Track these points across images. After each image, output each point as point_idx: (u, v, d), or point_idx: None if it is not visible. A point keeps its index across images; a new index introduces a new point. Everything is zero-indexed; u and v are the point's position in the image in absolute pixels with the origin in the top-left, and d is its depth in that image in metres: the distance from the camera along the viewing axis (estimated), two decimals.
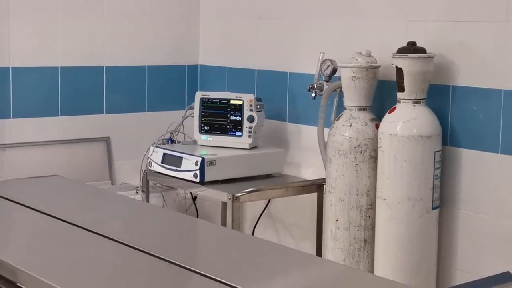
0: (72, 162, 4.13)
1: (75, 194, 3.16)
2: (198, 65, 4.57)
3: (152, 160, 3.90)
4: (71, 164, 4.11)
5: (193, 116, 3.99)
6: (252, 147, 3.89)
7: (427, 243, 3.27)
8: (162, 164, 3.84)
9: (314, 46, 3.80)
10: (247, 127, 3.85)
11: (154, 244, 2.36)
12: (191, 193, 4.33)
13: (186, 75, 4.54)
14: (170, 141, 4.05)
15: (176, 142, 4.07)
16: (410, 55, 3.23)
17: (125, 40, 4.30)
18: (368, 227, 3.41)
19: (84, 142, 4.21)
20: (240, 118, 3.87)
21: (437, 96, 3.34)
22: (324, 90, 3.65)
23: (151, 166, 3.91)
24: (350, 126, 3.42)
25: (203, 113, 3.95)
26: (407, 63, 3.23)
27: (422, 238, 3.25)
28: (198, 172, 3.66)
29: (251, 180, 3.76)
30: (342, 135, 3.42)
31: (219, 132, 3.92)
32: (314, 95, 3.68)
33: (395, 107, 3.30)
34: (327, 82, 3.67)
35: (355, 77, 3.40)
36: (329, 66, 3.64)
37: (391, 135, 3.24)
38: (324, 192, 3.67)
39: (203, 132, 3.95)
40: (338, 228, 3.44)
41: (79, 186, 3.37)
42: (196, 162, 3.67)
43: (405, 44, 3.28)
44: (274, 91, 4.11)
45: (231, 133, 3.90)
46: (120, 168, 4.33)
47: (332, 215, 3.46)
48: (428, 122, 3.23)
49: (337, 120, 3.49)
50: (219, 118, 3.92)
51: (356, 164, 3.39)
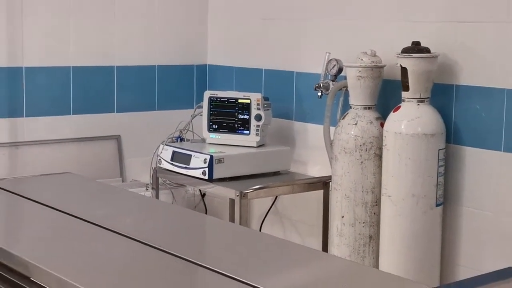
0: (83, 159, 4.14)
1: (87, 191, 3.16)
2: (206, 65, 4.57)
3: (161, 157, 3.91)
4: (82, 162, 4.12)
5: (201, 115, 4.00)
6: (260, 145, 3.89)
7: (431, 239, 3.27)
8: (172, 162, 3.84)
9: (320, 46, 3.80)
10: (254, 126, 3.86)
11: (164, 240, 2.36)
12: (200, 190, 4.34)
13: (195, 75, 4.54)
14: (179, 139, 4.06)
15: (185, 140, 4.08)
16: (414, 55, 3.22)
17: (135, 41, 4.31)
18: (373, 223, 3.41)
19: (95, 140, 4.22)
20: (247, 117, 3.88)
21: (440, 95, 3.33)
22: (330, 89, 3.65)
23: (160, 164, 3.92)
24: (356, 124, 3.42)
25: (211, 112, 3.96)
26: (411, 63, 3.23)
27: (426, 234, 3.25)
28: (206, 169, 3.66)
29: (259, 177, 3.77)
30: (348, 134, 3.42)
31: (227, 131, 3.93)
32: (320, 94, 3.68)
33: (400, 106, 3.30)
34: (333, 81, 3.67)
35: (361, 76, 3.40)
36: (335, 65, 3.64)
37: (395, 133, 3.24)
38: (330, 189, 3.67)
39: (211, 130, 3.96)
40: (344, 224, 3.44)
41: (91, 183, 3.38)
42: (205, 160, 3.68)
43: (409, 44, 3.28)
44: (281, 90, 4.11)
45: (239, 131, 3.91)
46: (130, 166, 4.34)
47: (338, 211, 3.47)
48: (432, 121, 3.23)
49: (342, 118, 3.50)
50: (227, 117, 3.92)
51: (361, 162, 3.40)
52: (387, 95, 3.51)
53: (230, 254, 2.30)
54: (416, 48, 3.25)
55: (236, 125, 3.91)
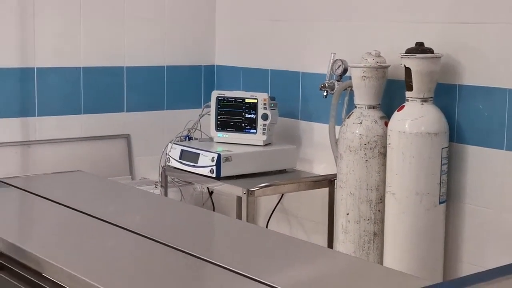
0: (94, 158, 4.15)
1: (97, 188, 3.17)
2: (214, 65, 4.57)
3: (170, 156, 3.91)
4: (93, 160, 4.13)
5: (209, 114, 4.00)
6: (266, 144, 3.89)
7: (434, 236, 3.26)
8: (180, 160, 3.85)
9: (325, 47, 3.79)
10: (261, 125, 3.86)
11: (172, 236, 2.37)
12: (208, 188, 4.34)
13: (203, 75, 4.54)
14: (187, 138, 4.06)
15: (193, 139, 4.08)
16: (418, 56, 3.22)
17: (144, 42, 4.31)
18: (377, 220, 3.40)
19: (105, 139, 4.22)
20: (254, 116, 3.87)
21: (444, 95, 3.33)
22: (335, 89, 3.65)
23: (169, 162, 3.92)
24: (360, 123, 3.41)
25: (219, 111, 3.95)
26: (415, 63, 3.22)
27: (429, 231, 3.24)
28: (214, 167, 3.66)
29: (265, 175, 3.77)
30: (353, 132, 3.42)
31: (234, 130, 3.93)
32: (325, 94, 3.68)
33: (404, 105, 3.29)
34: (338, 81, 3.66)
35: (365, 76, 3.40)
36: (340, 66, 3.63)
37: (399, 132, 3.23)
38: (335, 187, 3.67)
39: (219, 129, 3.96)
40: (349, 221, 3.44)
41: (101, 181, 3.38)
42: (213, 158, 3.68)
43: (413, 45, 3.27)
44: (287, 90, 4.10)
45: (246, 130, 3.90)
46: (139, 164, 4.34)
47: (343, 209, 3.46)
48: (435, 120, 3.23)
49: (347, 118, 3.49)
50: (235, 116, 3.92)
51: (366, 160, 3.39)
52: (391, 95, 3.50)
53: (237, 251, 2.30)
54: (419, 48, 3.24)
55: (243, 124, 3.90)
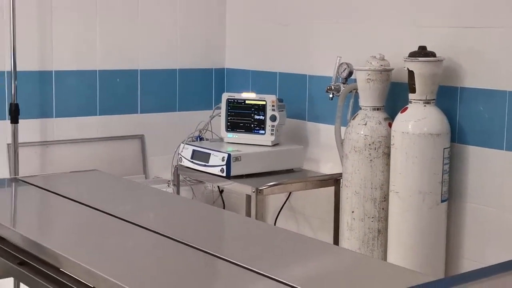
0: (109, 157, 4.17)
1: (113, 187, 3.18)
2: (224, 68, 4.59)
3: (182, 156, 3.92)
4: (108, 160, 4.15)
5: (220, 116, 4.01)
6: (274, 144, 3.90)
7: (436, 233, 3.26)
8: (192, 160, 3.86)
9: (331, 51, 3.80)
10: (269, 126, 3.87)
11: (185, 233, 2.37)
12: (218, 186, 4.35)
13: (214, 78, 4.56)
14: (199, 138, 4.07)
15: (204, 140, 4.09)
16: (421, 59, 3.22)
17: (157, 46, 4.33)
18: (381, 218, 3.41)
19: (120, 140, 4.24)
20: (263, 118, 3.89)
21: (446, 97, 3.33)
22: (341, 91, 3.65)
23: (181, 162, 3.93)
24: (365, 124, 3.42)
25: (229, 112, 3.97)
26: (418, 66, 3.22)
27: (432, 229, 3.24)
28: (224, 167, 3.68)
29: (273, 174, 3.78)
30: (358, 133, 3.42)
31: (244, 130, 3.94)
32: (331, 96, 3.68)
33: (407, 107, 3.29)
34: (344, 84, 3.67)
35: (370, 79, 3.41)
36: (345, 69, 3.64)
37: (403, 133, 3.24)
38: (340, 185, 3.67)
39: (229, 130, 3.97)
40: (354, 219, 3.44)
41: (116, 180, 3.39)
42: (223, 158, 3.69)
43: (416, 49, 3.27)
44: (294, 92, 4.11)
45: (255, 131, 3.91)
46: (153, 164, 4.36)
47: (348, 207, 3.47)
48: (437, 121, 3.23)
49: (353, 119, 3.50)
50: (244, 117, 3.93)
51: (370, 160, 3.40)
52: (395, 97, 3.51)
53: (246, 247, 2.31)
54: (422, 52, 3.25)
55: (252, 125, 3.92)
